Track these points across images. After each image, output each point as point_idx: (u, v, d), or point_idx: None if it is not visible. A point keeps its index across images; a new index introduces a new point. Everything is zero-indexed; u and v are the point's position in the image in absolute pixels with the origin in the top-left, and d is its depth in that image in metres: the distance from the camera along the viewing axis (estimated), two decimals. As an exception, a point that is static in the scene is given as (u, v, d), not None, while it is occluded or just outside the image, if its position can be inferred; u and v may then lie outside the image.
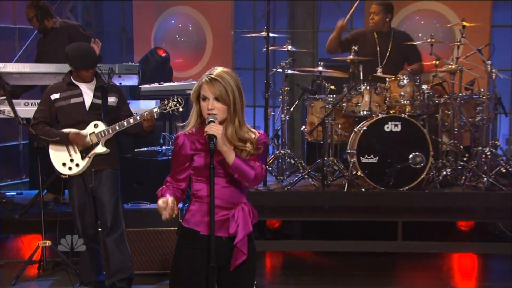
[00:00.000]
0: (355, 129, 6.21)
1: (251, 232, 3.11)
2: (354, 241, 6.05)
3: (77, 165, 4.82)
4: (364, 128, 6.04)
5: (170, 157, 5.80)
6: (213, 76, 3.00)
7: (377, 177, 5.97)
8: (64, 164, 4.83)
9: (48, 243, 5.39)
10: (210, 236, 2.96)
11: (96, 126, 4.81)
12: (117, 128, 4.79)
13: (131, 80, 6.03)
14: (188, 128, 3.11)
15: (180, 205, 5.57)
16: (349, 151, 6.20)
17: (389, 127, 6.02)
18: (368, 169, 5.99)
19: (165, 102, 4.71)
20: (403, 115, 6.07)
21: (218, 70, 3.04)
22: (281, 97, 6.59)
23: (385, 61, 6.65)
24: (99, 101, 4.84)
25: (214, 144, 2.90)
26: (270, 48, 6.39)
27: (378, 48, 6.73)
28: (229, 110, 3.01)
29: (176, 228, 3.15)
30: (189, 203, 3.16)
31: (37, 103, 5.57)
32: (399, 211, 5.96)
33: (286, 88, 6.57)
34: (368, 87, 6.20)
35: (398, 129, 6.01)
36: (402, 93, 6.13)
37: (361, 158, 6.00)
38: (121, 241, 4.89)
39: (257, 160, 3.06)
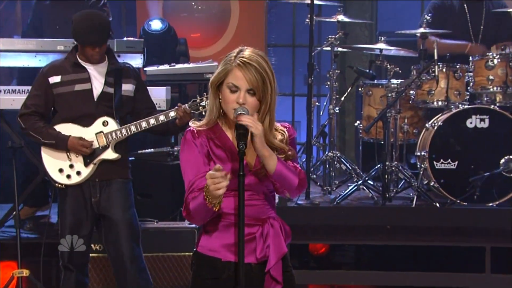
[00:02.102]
0: (426, 125, 6.22)
1: (287, 255, 3.10)
2: (426, 273, 6.01)
3: (78, 173, 4.80)
4: (440, 123, 6.04)
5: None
6: (246, 59, 2.96)
7: (456, 188, 5.98)
8: (61, 171, 4.81)
9: (26, 272, 5.39)
10: (239, 264, 2.92)
11: (105, 123, 4.78)
12: (133, 129, 4.78)
13: (134, 61, 6.00)
14: (199, 124, 3.07)
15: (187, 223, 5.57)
16: (418, 153, 6.21)
17: (473, 122, 6.02)
18: (445, 178, 6.00)
19: (198, 101, 4.68)
20: (492, 106, 6.06)
21: (248, 51, 3.00)
22: (329, 83, 6.62)
23: (480, 37, 6.65)
24: (112, 90, 4.81)
25: (245, 144, 2.85)
26: (315, 18, 6.38)
27: (469, 21, 6.68)
28: (262, 106, 2.98)
29: (191, 254, 3.15)
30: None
31: (11, 90, 5.59)
32: (487, 234, 5.92)
33: (335, 71, 6.56)
34: (444, 70, 6.19)
35: (485, 124, 6.01)
36: (491, 77, 6.11)
37: (435, 163, 6.01)
38: (142, 268, 4.91)
39: (293, 160, 3.07)
